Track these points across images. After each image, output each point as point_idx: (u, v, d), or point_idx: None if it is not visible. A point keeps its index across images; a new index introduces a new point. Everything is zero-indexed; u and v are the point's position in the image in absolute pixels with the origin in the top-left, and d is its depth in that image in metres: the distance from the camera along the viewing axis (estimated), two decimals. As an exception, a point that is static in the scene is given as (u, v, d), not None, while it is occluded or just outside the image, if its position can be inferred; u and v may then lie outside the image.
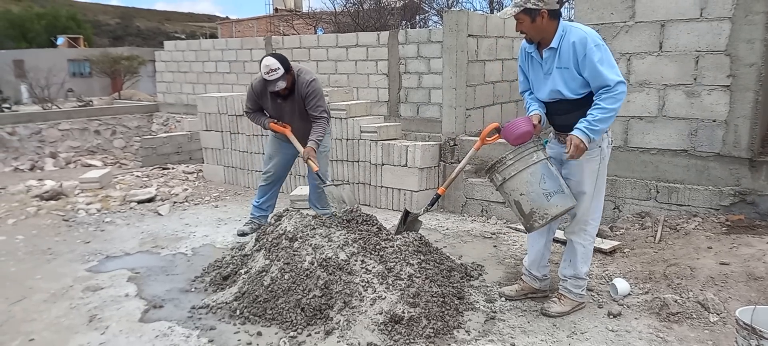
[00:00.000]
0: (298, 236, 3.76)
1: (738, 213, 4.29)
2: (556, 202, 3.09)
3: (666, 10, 4.37)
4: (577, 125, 2.99)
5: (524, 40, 3.24)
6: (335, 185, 4.68)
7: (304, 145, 4.62)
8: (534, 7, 3.01)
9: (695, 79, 4.33)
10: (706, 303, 3.28)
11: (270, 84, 4.38)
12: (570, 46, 3.00)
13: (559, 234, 4.71)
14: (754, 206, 4.25)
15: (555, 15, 3.08)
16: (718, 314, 3.23)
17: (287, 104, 4.61)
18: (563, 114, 3.17)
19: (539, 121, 3.21)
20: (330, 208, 5.05)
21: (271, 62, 4.31)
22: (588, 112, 2.98)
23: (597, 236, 4.46)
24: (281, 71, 4.32)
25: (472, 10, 16.69)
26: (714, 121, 4.30)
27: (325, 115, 4.61)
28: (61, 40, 31.91)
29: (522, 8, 3.03)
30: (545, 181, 3.09)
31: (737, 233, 4.08)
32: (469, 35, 5.86)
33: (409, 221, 4.28)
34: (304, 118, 4.66)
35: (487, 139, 4.01)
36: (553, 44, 3.06)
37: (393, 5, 18.30)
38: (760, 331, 2.36)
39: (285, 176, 5.11)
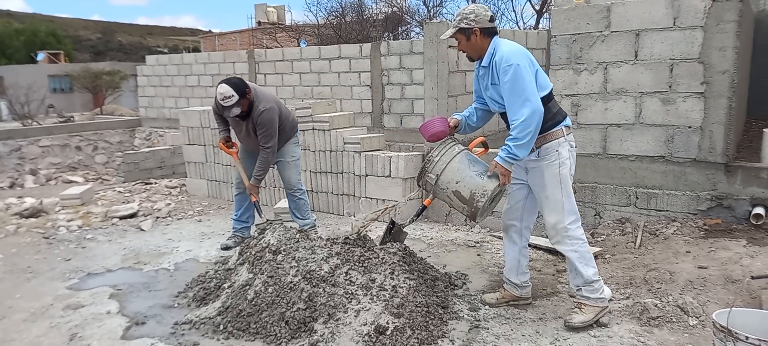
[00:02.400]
0: (282, 249, 3.75)
1: (715, 217, 4.37)
2: (490, 180, 3.24)
3: (640, 20, 4.47)
4: (499, 153, 3.16)
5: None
6: (267, 221, 4.73)
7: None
8: (467, 26, 3.19)
9: (670, 86, 4.42)
10: (686, 307, 3.33)
11: (225, 110, 4.48)
12: (495, 65, 3.16)
13: (541, 241, 4.77)
14: (731, 209, 4.34)
15: (488, 32, 3.22)
16: (697, 318, 3.28)
17: (244, 124, 4.70)
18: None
19: (456, 125, 3.46)
20: (311, 217, 5.12)
21: (226, 90, 4.38)
22: (506, 140, 3.12)
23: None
24: (235, 98, 4.39)
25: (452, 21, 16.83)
26: (689, 127, 4.39)
27: (270, 147, 4.66)
28: (41, 56, 31.56)
29: (457, 28, 3.23)
30: (473, 165, 3.33)
31: (715, 236, 4.16)
32: (450, 46, 5.92)
33: (394, 231, 4.29)
34: (257, 141, 4.73)
35: (474, 152, 4.06)
36: (485, 62, 3.24)
37: (375, 17, 18.42)
38: (736, 333, 2.41)
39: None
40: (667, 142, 4.49)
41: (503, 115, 3.27)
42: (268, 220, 4.98)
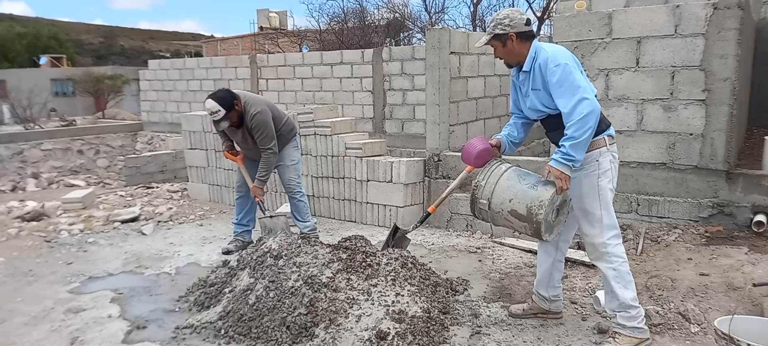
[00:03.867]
0: (283, 253, 3.76)
1: (716, 224, 4.37)
2: (545, 188, 2.97)
3: (642, 27, 4.49)
4: (553, 155, 2.94)
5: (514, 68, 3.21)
6: (270, 217, 4.89)
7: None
8: (502, 32, 3.03)
9: (672, 93, 4.43)
10: (687, 314, 3.33)
11: (215, 124, 4.55)
12: (538, 69, 2.98)
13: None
14: (732, 217, 4.34)
15: (525, 36, 3.05)
16: (698, 325, 3.28)
17: (240, 132, 4.74)
18: (554, 130, 3.09)
19: (498, 146, 3.27)
20: (311, 220, 5.14)
21: (212, 105, 4.43)
22: (560, 141, 2.90)
23: (580, 248, 4.53)
24: (222, 113, 4.44)
25: (454, 27, 16.92)
26: (691, 134, 4.40)
27: (270, 148, 4.70)
28: (43, 59, 31.66)
29: (492, 35, 3.07)
30: (523, 178, 3.08)
31: (716, 244, 4.16)
32: (452, 52, 5.94)
33: (397, 237, 4.31)
34: (256, 146, 4.76)
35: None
36: (526, 67, 3.06)
37: (377, 23, 18.47)
38: (738, 340, 2.41)
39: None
40: (669, 149, 4.50)
41: (544, 122, 3.14)
42: (272, 215, 5.02)
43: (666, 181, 4.54)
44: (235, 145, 5.01)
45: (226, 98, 4.48)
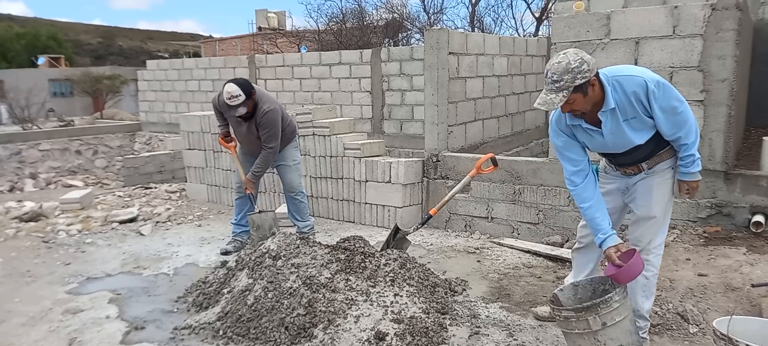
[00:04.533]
0: (282, 254, 3.75)
1: (715, 225, 4.38)
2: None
3: (640, 28, 4.49)
4: (688, 168, 2.77)
5: (554, 117, 2.89)
6: (259, 212, 4.97)
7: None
8: (583, 80, 2.54)
9: (670, 94, 4.43)
10: (686, 314, 3.33)
11: (232, 109, 4.54)
12: (632, 96, 2.62)
13: (540, 248, 4.77)
14: (730, 217, 4.34)
15: (598, 75, 2.64)
16: (697, 325, 3.28)
17: (246, 124, 4.75)
18: (631, 153, 2.82)
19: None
20: (310, 220, 5.15)
21: (233, 89, 4.43)
22: (683, 153, 2.76)
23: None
24: (242, 98, 4.45)
25: (453, 27, 16.92)
26: (689, 135, 4.39)
27: (272, 147, 4.72)
28: (41, 60, 31.60)
29: (571, 88, 2.55)
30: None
31: (715, 244, 4.16)
32: (450, 53, 5.95)
33: (398, 238, 4.34)
34: (259, 141, 4.77)
35: (483, 169, 4.07)
36: (611, 104, 2.63)
37: (376, 23, 18.47)
38: (737, 341, 2.41)
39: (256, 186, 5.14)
40: (667, 149, 4.50)
41: (635, 148, 2.79)
42: (260, 211, 5.05)
43: (664, 181, 4.54)
44: (233, 134, 5.00)
45: (247, 85, 4.52)
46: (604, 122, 2.69)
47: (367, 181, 5.97)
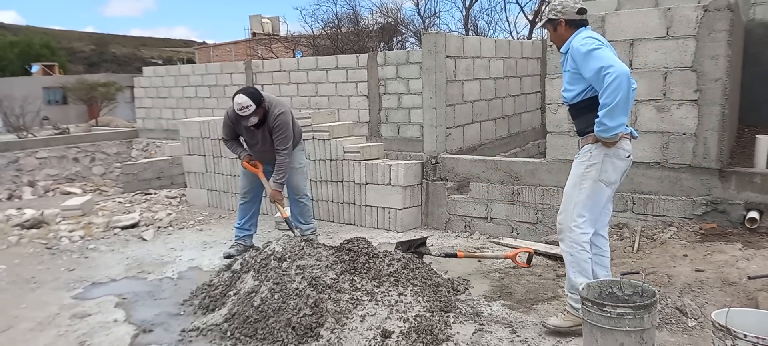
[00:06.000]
0: (287, 256, 3.81)
1: (711, 222, 4.46)
2: None
3: (634, 30, 4.58)
4: (597, 128, 3.06)
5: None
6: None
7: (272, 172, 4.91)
8: (554, 17, 3.28)
9: (664, 94, 4.52)
10: (684, 309, 3.41)
11: (243, 119, 4.62)
12: (570, 50, 3.18)
13: (540, 246, 4.85)
14: (726, 214, 4.43)
15: (574, 24, 3.23)
16: (695, 319, 3.36)
17: (259, 132, 4.82)
18: (576, 118, 3.34)
19: None
20: (313, 223, 5.21)
21: (244, 100, 4.53)
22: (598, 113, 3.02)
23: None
24: (253, 107, 4.55)
25: (448, 31, 17.02)
26: (684, 134, 4.49)
27: (287, 149, 4.79)
28: (35, 68, 31.49)
29: (546, 19, 3.37)
30: None
31: (711, 240, 4.24)
32: (448, 56, 6.02)
33: (419, 247, 4.51)
34: (273, 149, 4.83)
35: (519, 260, 4.28)
36: (563, 49, 3.28)
37: (371, 28, 18.56)
38: (735, 331, 2.48)
39: (261, 192, 5.19)
40: (663, 148, 4.59)
41: (571, 108, 3.30)
42: (302, 236, 5.00)
43: (660, 180, 4.63)
44: (247, 147, 5.03)
45: (256, 94, 4.61)
46: (562, 63, 3.31)
47: (367, 183, 6.03)
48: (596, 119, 3.02)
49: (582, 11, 3.23)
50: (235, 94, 4.60)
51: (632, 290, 2.94)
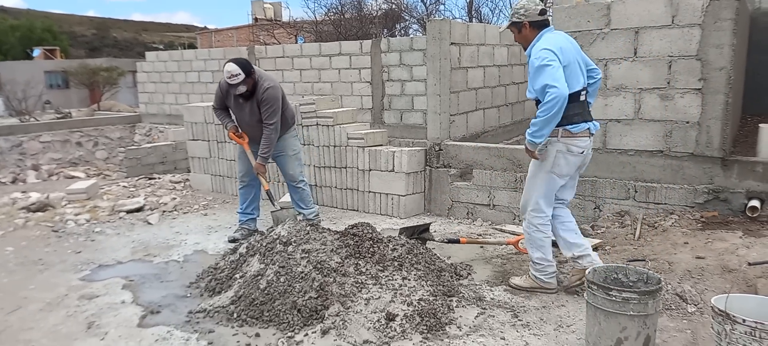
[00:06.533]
0: (292, 240, 3.85)
1: (712, 210, 4.50)
2: None
3: (639, 18, 4.58)
4: (526, 131, 3.46)
5: None
6: (281, 209, 5.12)
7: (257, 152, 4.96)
8: (518, 20, 3.50)
9: (669, 82, 4.54)
10: (684, 295, 3.45)
11: (232, 87, 4.69)
12: (530, 57, 3.44)
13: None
14: (727, 202, 4.46)
15: (537, 25, 3.47)
16: (695, 305, 3.40)
17: (247, 105, 4.87)
18: None
19: None
20: (315, 206, 5.26)
21: (233, 68, 4.60)
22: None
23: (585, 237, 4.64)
24: (241, 76, 4.60)
25: (451, 18, 16.95)
26: (687, 122, 4.51)
27: (273, 123, 4.82)
28: (37, 52, 31.46)
29: (510, 22, 3.57)
30: None
31: (712, 228, 4.28)
32: (452, 43, 6.03)
33: (422, 232, 4.54)
34: (260, 125, 4.88)
35: (521, 246, 4.27)
36: (527, 51, 3.51)
37: (374, 14, 18.49)
38: (734, 316, 2.53)
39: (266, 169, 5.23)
40: (666, 137, 4.61)
41: (537, 103, 3.45)
42: (282, 207, 5.14)
43: (663, 168, 4.66)
44: (237, 123, 5.08)
45: (246, 64, 4.67)
46: (529, 61, 3.47)
47: (370, 170, 6.07)
48: (529, 130, 3.39)
49: (543, 12, 3.46)
50: (225, 63, 4.67)
51: (637, 277, 2.99)
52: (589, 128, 3.49)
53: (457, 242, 4.56)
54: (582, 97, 3.46)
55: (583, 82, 3.46)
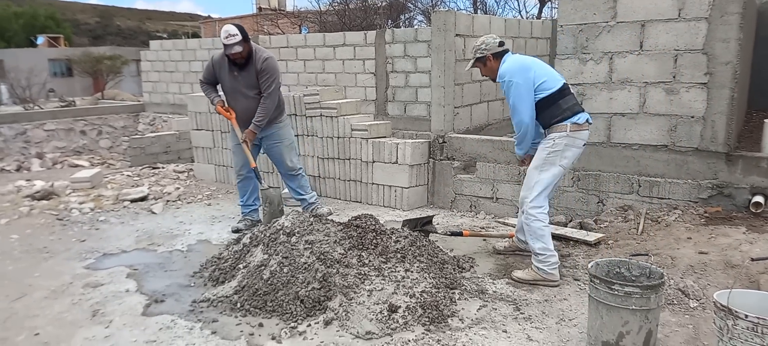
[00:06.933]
0: (296, 231, 3.86)
1: (716, 205, 4.49)
2: None
3: (646, 11, 4.55)
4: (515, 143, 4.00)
5: None
6: (269, 188, 5.15)
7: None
8: (481, 55, 3.89)
9: (674, 77, 4.52)
10: (687, 290, 3.46)
11: (227, 48, 4.67)
12: (499, 82, 3.85)
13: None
14: (731, 198, 4.45)
15: (498, 55, 3.87)
16: (697, 300, 3.41)
17: (242, 77, 4.85)
18: (538, 118, 3.87)
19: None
20: (310, 193, 5.31)
21: (230, 28, 4.65)
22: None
23: (582, 228, 4.67)
24: (239, 37, 4.63)
25: (456, 10, 16.86)
26: (692, 117, 4.49)
27: (272, 92, 4.83)
28: (41, 39, 31.46)
29: (474, 59, 3.93)
30: None
31: (715, 224, 4.27)
32: (457, 35, 6.01)
33: (426, 225, 4.56)
34: (255, 97, 4.88)
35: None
36: (498, 79, 3.87)
37: (379, 5, 18.40)
38: (736, 311, 2.53)
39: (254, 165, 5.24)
40: (670, 131, 4.60)
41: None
42: (270, 186, 5.18)
43: (667, 163, 4.65)
44: (228, 97, 5.03)
45: (243, 30, 4.70)
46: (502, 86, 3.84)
47: (374, 162, 6.07)
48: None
49: (502, 43, 3.86)
50: (223, 26, 4.69)
51: (640, 271, 2.99)
52: (588, 119, 3.79)
53: (460, 234, 4.56)
54: (571, 90, 3.83)
55: (561, 78, 3.83)
